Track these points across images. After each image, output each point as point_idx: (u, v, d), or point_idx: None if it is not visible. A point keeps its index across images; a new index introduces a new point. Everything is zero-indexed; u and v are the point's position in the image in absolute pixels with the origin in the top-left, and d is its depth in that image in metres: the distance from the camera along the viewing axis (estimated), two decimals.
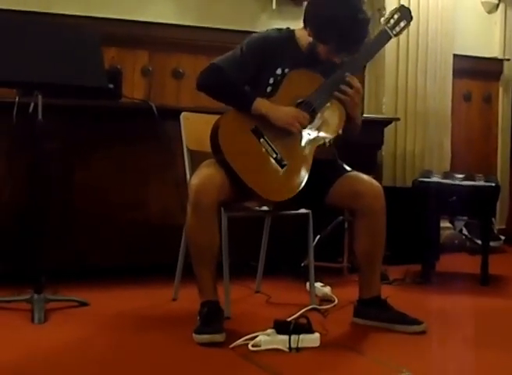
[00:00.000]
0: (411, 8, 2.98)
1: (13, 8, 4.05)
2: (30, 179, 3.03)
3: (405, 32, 3.00)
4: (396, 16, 2.89)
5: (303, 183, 2.80)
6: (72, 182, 3.66)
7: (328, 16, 2.79)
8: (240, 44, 2.90)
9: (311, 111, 2.83)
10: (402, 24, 2.89)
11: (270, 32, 2.95)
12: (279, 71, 2.89)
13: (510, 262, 4.77)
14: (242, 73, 2.84)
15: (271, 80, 2.89)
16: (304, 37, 2.93)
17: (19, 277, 3.13)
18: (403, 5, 3.03)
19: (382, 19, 2.89)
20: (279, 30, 2.97)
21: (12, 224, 3.52)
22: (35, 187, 3.01)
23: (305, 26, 2.92)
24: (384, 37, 2.90)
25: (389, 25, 2.88)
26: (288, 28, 2.99)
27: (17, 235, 3.47)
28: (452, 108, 5.16)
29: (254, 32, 3.00)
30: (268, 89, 2.89)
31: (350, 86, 2.83)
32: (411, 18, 2.91)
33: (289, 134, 2.81)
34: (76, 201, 3.67)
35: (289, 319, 2.62)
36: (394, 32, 2.89)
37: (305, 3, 3.34)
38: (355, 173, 2.92)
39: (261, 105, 2.78)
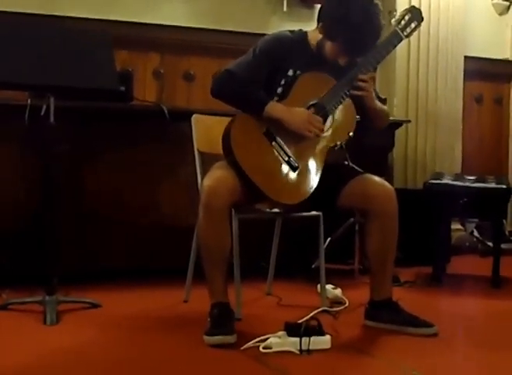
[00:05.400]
0: (422, 10, 2.96)
1: (23, 11, 4.06)
2: (43, 181, 3.03)
3: (416, 34, 2.98)
4: (406, 17, 2.86)
5: (314, 186, 2.80)
6: (83, 184, 3.67)
7: (342, 12, 2.76)
8: (253, 47, 2.89)
9: (323, 113, 2.83)
10: (413, 25, 2.87)
11: (282, 33, 2.95)
12: (290, 72, 2.88)
13: None
14: (255, 76, 2.83)
15: (282, 81, 2.88)
16: (315, 38, 2.92)
17: (31, 279, 3.13)
18: (413, 6, 3.00)
19: (393, 21, 2.86)
20: (292, 31, 2.96)
21: (24, 226, 3.52)
22: (47, 189, 3.02)
23: (318, 23, 2.91)
24: (395, 38, 2.87)
25: (399, 26, 2.86)
26: (300, 30, 2.98)
27: (29, 237, 3.48)
28: (463, 110, 5.15)
29: (265, 34, 2.99)
30: (279, 90, 2.88)
31: (362, 81, 2.82)
32: (422, 19, 2.89)
33: (302, 137, 2.80)
34: (88, 202, 3.68)
35: (300, 322, 2.61)
36: (405, 33, 2.87)
37: (316, 5, 3.33)
38: (367, 174, 2.90)
39: (274, 109, 2.77)
